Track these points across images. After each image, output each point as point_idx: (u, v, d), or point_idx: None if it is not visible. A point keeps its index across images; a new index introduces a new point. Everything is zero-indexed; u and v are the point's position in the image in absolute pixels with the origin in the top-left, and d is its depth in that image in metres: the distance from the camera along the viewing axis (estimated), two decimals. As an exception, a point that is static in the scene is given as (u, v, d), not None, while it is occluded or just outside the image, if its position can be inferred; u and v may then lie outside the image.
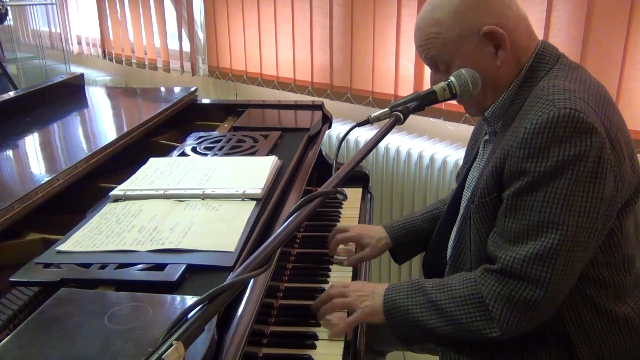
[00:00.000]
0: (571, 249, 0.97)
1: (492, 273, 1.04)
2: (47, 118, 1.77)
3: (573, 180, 0.95)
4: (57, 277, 0.90)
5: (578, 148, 0.95)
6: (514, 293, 1.00)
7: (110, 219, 1.10)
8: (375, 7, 2.24)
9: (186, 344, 0.57)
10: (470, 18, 1.07)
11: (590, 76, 1.10)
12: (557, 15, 1.78)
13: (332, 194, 0.81)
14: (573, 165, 0.95)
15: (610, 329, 1.07)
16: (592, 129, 0.95)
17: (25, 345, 0.73)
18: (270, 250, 0.69)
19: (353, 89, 2.43)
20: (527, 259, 0.99)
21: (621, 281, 1.07)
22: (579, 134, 0.95)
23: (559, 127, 0.95)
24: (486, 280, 1.04)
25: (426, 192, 2.14)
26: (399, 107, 1.03)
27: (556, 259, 0.97)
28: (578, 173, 0.95)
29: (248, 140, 1.58)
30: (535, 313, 1.00)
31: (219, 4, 2.98)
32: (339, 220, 1.66)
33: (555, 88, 1.01)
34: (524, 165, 0.99)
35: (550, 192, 0.97)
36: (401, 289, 1.12)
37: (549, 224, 0.97)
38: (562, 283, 0.99)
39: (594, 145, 0.95)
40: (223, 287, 0.62)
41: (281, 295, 1.26)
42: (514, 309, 1.01)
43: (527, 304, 1.00)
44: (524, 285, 1.00)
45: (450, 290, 1.07)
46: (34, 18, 4.99)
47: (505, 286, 1.01)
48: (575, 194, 0.96)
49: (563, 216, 0.96)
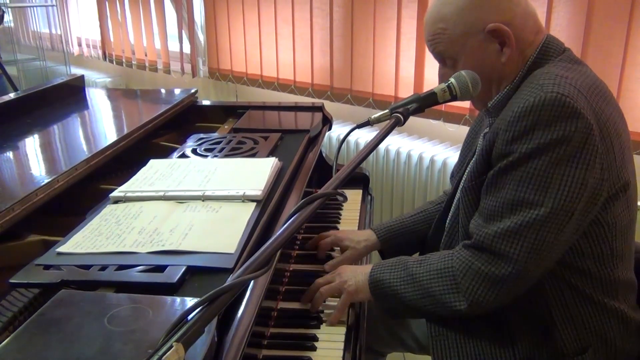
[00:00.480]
0: (543, 228, 0.98)
1: (467, 248, 1.07)
2: (47, 120, 1.77)
3: (553, 161, 0.96)
4: (57, 279, 0.90)
5: (562, 131, 0.95)
6: (483, 267, 1.03)
7: (111, 221, 1.10)
8: (376, 8, 2.25)
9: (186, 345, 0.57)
10: (476, 15, 1.08)
11: (590, 71, 1.11)
12: (557, 17, 1.78)
13: (332, 196, 0.81)
14: (555, 146, 0.96)
15: (597, 317, 1.08)
16: (579, 113, 0.95)
17: (25, 347, 0.73)
18: (271, 252, 0.69)
19: (353, 91, 2.43)
20: (497, 234, 1.01)
21: (607, 274, 1.07)
22: (565, 118, 0.95)
23: (545, 110, 0.96)
24: (460, 255, 1.07)
25: (426, 193, 2.14)
26: (399, 108, 1.03)
27: (526, 237, 0.98)
28: (559, 154, 0.96)
29: (248, 141, 1.58)
30: (503, 289, 1.02)
31: (220, 6, 2.99)
32: (339, 221, 1.66)
33: (547, 74, 1.02)
34: (509, 147, 1.00)
35: (528, 171, 0.98)
36: (386, 265, 1.16)
37: (523, 202, 0.99)
38: (532, 261, 0.99)
39: (579, 129, 0.95)
40: (223, 289, 0.62)
41: (281, 297, 1.26)
42: (481, 282, 1.03)
43: (495, 279, 1.02)
44: (494, 260, 1.02)
45: (428, 265, 1.11)
46: (34, 19, 5.00)
47: (477, 260, 1.04)
48: (555, 174, 0.97)
49: (538, 195, 0.97)
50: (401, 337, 1.46)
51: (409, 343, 1.46)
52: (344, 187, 0.80)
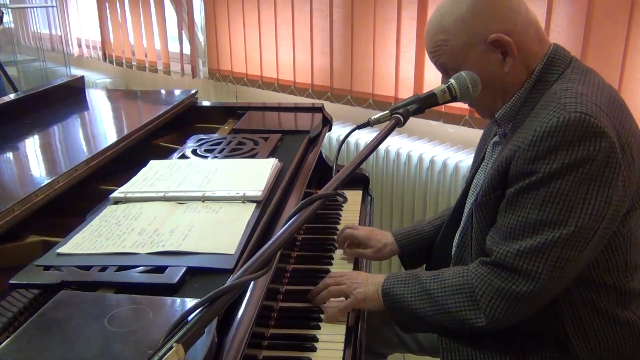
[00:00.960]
0: (567, 248, 0.97)
1: (485, 265, 1.06)
2: (47, 120, 1.77)
3: (578, 181, 0.95)
4: (57, 280, 0.90)
5: (586, 151, 0.95)
6: (504, 285, 1.02)
7: (111, 222, 1.10)
8: (376, 9, 2.25)
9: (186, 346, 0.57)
10: (477, 26, 1.07)
11: (602, 80, 1.10)
12: (557, 18, 1.78)
13: (332, 197, 0.82)
14: (579, 166, 0.95)
15: (611, 331, 1.07)
16: (603, 132, 0.95)
17: (25, 347, 0.73)
18: (271, 253, 0.69)
19: (353, 92, 2.43)
20: (520, 252, 1.00)
21: (623, 286, 1.07)
22: (589, 138, 0.95)
23: (569, 131, 0.95)
24: (478, 272, 1.06)
25: (426, 194, 2.14)
26: (399, 109, 1.03)
27: (549, 255, 0.98)
28: (584, 174, 0.95)
29: (248, 142, 1.58)
30: (523, 306, 1.02)
31: (220, 7, 2.99)
32: (339, 222, 1.66)
33: (567, 92, 1.01)
34: (531, 167, 0.99)
35: (553, 190, 0.97)
36: (399, 278, 1.16)
37: (547, 222, 0.98)
38: (554, 280, 0.99)
39: (603, 149, 0.95)
40: (223, 290, 0.62)
41: (281, 298, 1.26)
42: (501, 300, 1.03)
43: (515, 297, 1.01)
44: (515, 278, 1.01)
45: (443, 280, 1.10)
46: (34, 20, 5.00)
47: (497, 278, 1.03)
48: (579, 194, 0.96)
49: (563, 215, 0.97)
50: (401, 338, 1.46)
51: (409, 344, 1.46)
52: (344, 188, 0.80)
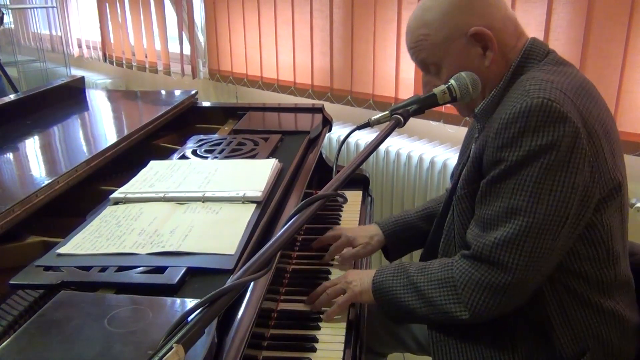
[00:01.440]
0: (539, 236, 0.98)
1: (466, 258, 1.08)
2: (47, 121, 1.77)
3: (544, 168, 0.97)
4: (57, 280, 0.90)
5: (550, 136, 0.96)
6: (483, 278, 1.03)
7: (111, 222, 1.10)
8: (376, 10, 2.25)
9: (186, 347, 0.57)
10: (458, 20, 1.08)
11: (576, 71, 1.11)
12: (557, 19, 1.78)
13: (332, 197, 0.82)
14: (545, 153, 0.96)
15: (595, 320, 1.08)
16: (566, 117, 0.96)
17: (25, 348, 0.73)
18: (271, 253, 0.69)
19: (353, 92, 2.43)
20: (495, 244, 1.01)
21: (605, 276, 1.07)
22: (552, 123, 0.96)
23: (532, 116, 0.96)
24: (460, 265, 1.08)
25: (426, 194, 2.14)
26: (399, 110, 1.03)
27: (523, 245, 0.99)
28: (550, 161, 0.96)
29: (248, 143, 1.58)
30: (504, 298, 1.03)
31: (220, 7, 2.99)
32: (339, 223, 1.66)
33: (533, 79, 1.02)
34: (499, 155, 1.00)
35: (521, 179, 0.98)
36: (388, 271, 1.17)
37: (517, 210, 0.99)
38: (531, 269, 1.00)
39: (567, 134, 0.96)
40: (223, 290, 0.62)
41: (281, 298, 1.26)
42: (482, 292, 1.04)
43: (496, 289, 1.03)
44: (493, 270, 1.03)
45: (429, 274, 1.12)
46: (34, 21, 5.00)
47: (477, 271, 1.05)
48: (546, 181, 0.97)
49: (531, 203, 0.98)
50: (401, 338, 1.46)
51: (408, 343, 1.46)
52: (344, 189, 0.80)
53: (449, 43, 1.09)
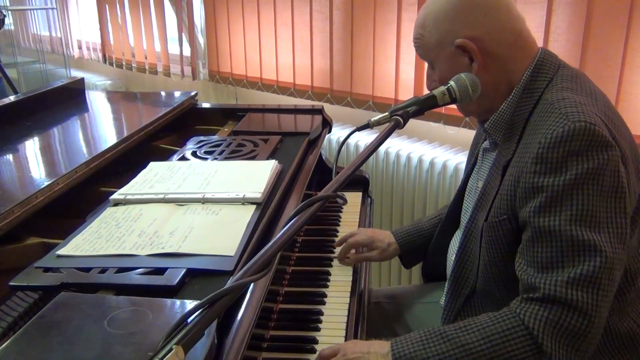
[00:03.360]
0: (612, 268, 0.93)
1: (535, 301, 0.95)
2: (47, 122, 1.77)
3: (596, 195, 0.93)
4: (57, 282, 0.90)
5: (596, 161, 0.93)
6: (562, 320, 0.92)
7: (110, 223, 1.10)
8: (376, 11, 2.25)
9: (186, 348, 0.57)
10: (449, 28, 1.08)
11: (593, 84, 1.09)
12: (556, 20, 1.78)
13: (332, 198, 0.82)
14: (592, 179, 0.93)
15: (612, 347, 1.05)
16: (608, 142, 0.93)
17: (25, 349, 0.73)
18: (270, 255, 0.69)
19: (353, 93, 2.43)
20: (570, 283, 0.92)
21: (624, 296, 1.05)
22: (596, 148, 0.93)
23: (575, 141, 0.93)
24: (529, 309, 0.95)
25: (426, 196, 2.14)
26: (399, 111, 1.03)
27: (601, 281, 0.92)
28: (599, 187, 0.93)
29: (248, 144, 1.58)
30: (585, 342, 0.93)
31: (220, 8, 2.99)
32: (339, 224, 1.66)
33: (566, 101, 0.99)
34: (540, 181, 0.96)
35: (575, 210, 0.93)
36: (412, 340, 0.99)
37: (584, 245, 0.93)
38: (605, 304, 0.94)
39: (611, 159, 0.93)
40: (223, 292, 0.62)
41: (281, 300, 1.26)
42: (564, 337, 0.92)
43: (577, 332, 0.92)
44: (572, 311, 0.92)
45: (482, 329, 0.96)
46: (34, 22, 5.00)
47: (552, 313, 0.93)
48: (601, 209, 0.93)
49: (595, 235, 0.93)
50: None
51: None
52: (343, 190, 0.80)
53: (440, 48, 1.10)
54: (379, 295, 1.52)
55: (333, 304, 1.25)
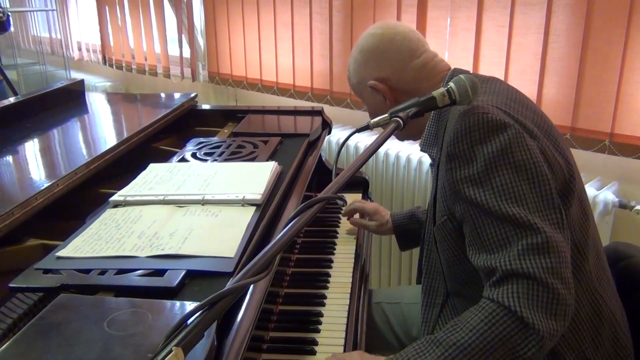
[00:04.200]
0: (550, 232, 0.95)
1: (500, 282, 0.97)
2: (47, 124, 1.77)
3: (511, 171, 0.98)
4: (57, 283, 0.90)
5: (499, 142, 0.98)
6: (528, 290, 0.94)
7: (110, 225, 1.10)
8: (375, 13, 2.25)
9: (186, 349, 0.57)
10: (363, 72, 1.26)
11: (501, 84, 1.17)
12: (556, 22, 1.78)
13: (332, 200, 0.82)
14: (503, 158, 0.98)
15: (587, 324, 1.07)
16: (504, 123, 1.00)
17: (25, 351, 0.73)
18: (270, 256, 0.69)
19: (353, 95, 2.43)
20: (520, 255, 0.95)
21: (581, 271, 1.06)
22: (494, 131, 0.99)
23: (474, 131, 1.00)
24: (499, 290, 0.95)
25: (426, 197, 2.14)
26: (399, 112, 1.03)
27: (547, 246, 0.94)
28: (511, 163, 0.98)
29: (248, 146, 1.58)
30: (559, 305, 0.93)
31: (219, 10, 2.99)
32: (338, 225, 1.66)
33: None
34: (457, 175, 1.02)
35: (498, 190, 0.98)
36: (407, 354, 0.99)
37: (517, 219, 0.95)
38: (566, 265, 0.95)
39: (512, 136, 0.99)
40: (223, 293, 0.62)
41: (281, 301, 1.26)
42: (537, 305, 0.93)
43: (547, 298, 0.93)
44: (532, 280, 0.94)
45: (467, 323, 0.96)
46: (34, 24, 5.00)
47: (518, 287, 0.94)
48: (522, 183, 0.98)
49: (522, 207, 0.96)
50: (401, 340, 1.46)
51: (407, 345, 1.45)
52: (343, 191, 0.80)
53: (360, 88, 1.29)
54: (379, 296, 1.53)
55: (333, 305, 1.25)
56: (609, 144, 1.75)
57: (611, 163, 1.83)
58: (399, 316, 1.47)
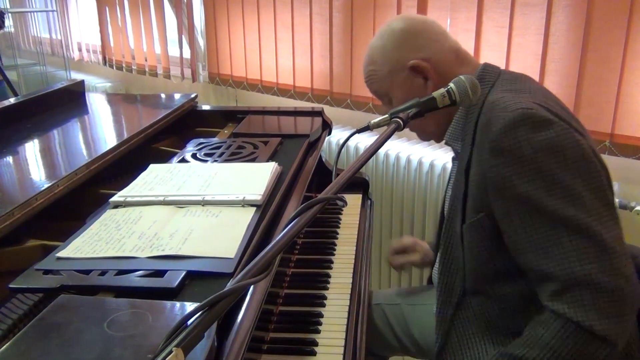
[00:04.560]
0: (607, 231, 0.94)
1: (563, 293, 0.96)
2: (47, 124, 1.77)
3: (564, 169, 0.96)
4: (57, 284, 0.90)
5: (548, 139, 0.97)
6: (596, 299, 0.93)
7: (110, 226, 1.10)
8: (375, 14, 2.25)
9: (186, 350, 0.57)
10: (398, 55, 1.20)
11: (532, 81, 1.17)
12: (556, 22, 1.78)
13: (332, 200, 0.81)
14: (552, 154, 0.97)
15: None
16: (548, 119, 0.99)
17: (25, 352, 0.73)
18: (270, 257, 0.69)
19: (353, 95, 2.43)
20: (578, 260, 0.94)
21: None
22: (540, 127, 0.98)
23: (518, 126, 0.99)
24: (563, 304, 0.95)
25: (426, 198, 2.14)
26: (399, 113, 1.03)
27: (604, 244, 0.94)
28: (563, 160, 0.97)
29: (248, 146, 1.58)
30: (626, 304, 0.94)
31: (220, 11, 2.99)
32: (339, 226, 1.66)
33: (503, 98, 1.06)
34: (504, 172, 1.00)
35: (550, 188, 0.96)
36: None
37: (572, 219, 0.94)
38: (624, 257, 0.95)
39: (561, 132, 0.98)
40: (223, 294, 0.62)
41: (281, 302, 1.26)
42: (607, 313, 0.93)
43: (614, 301, 0.93)
44: (597, 288, 0.93)
45: (539, 340, 0.97)
46: (34, 25, 5.00)
47: (584, 298, 0.94)
48: (576, 180, 0.96)
49: (578, 207, 0.94)
50: (401, 341, 1.46)
51: (408, 347, 1.46)
52: (343, 192, 0.80)
53: (393, 76, 1.21)
54: (379, 297, 1.53)
55: (333, 306, 1.25)
56: (609, 144, 1.75)
57: (611, 164, 1.81)
58: (399, 317, 1.47)
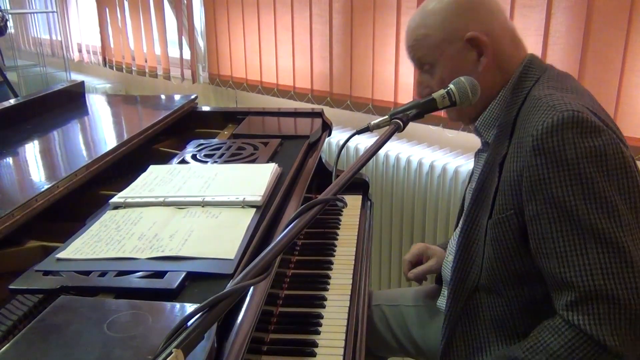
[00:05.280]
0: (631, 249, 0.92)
1: (580, 304, 0.94)
2: (47, 125, 1.77)
3: (606, 180, 0.93)
4: (57, 285, 0.90)
5: (595, 146, 0.94)
6: (613, 313, 0.92)
7: (110, 227, 1.10)
8: (375, 14, 2.25)
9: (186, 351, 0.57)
10: (456, 24, 1.11)
11: (579, 84, 1.12)
12: (556, 23, 1.78)
13: (332, 201, 0.81)
14: (595, 162, 0.93)
15: None
16: (598, 127, 0.95)
17: (25, 353, 0.73)
18: (270, 258, 0.69)
19: (353, 97, 2.43)
20: (601, 272, 0.92)
21: None
22: (589, 133, 0.94)
23: (567, 129, 0.94)
24: (579, 314, 0.94)
25: (426, 199, 2.14)
26: (399, 114, 1.03)
27: (632, 262, 0.92)
28: (604, 169, 0.93)
29: (248, 147, 1.58)
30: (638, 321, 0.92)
31: (220, 12, 2.99)
32: (338, 227, 1.66)
33: (552, 96, 1.02)
34: (543, 172, 0.96)
35: (587, 196, 0.93)
36: None
37: (603, 231, 0.92)
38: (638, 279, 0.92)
39: (608, 142, 0.94)
40: (223, 295, 0.62)
41: (281, 303, 1.26)
42: (621, 328, 0.92)
43: (630, 317, 0.92)
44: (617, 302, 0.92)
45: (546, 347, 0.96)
46: (34, 26, 5.01)
47: (600, 310, 0.92)
48: (615, 193, 0.93)
49: (611, 220, 0.92)
50: (400, 342, 1.46)
51: (408, 348, 1.46)
52: (343, 193, 0.80)
53: (446, 45, 1.12)
54: (379, 298, 1.53)
55: (333, 307, 1.25)
56: (609, 145, 1.75)
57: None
58: (399, 318, 1.47)
